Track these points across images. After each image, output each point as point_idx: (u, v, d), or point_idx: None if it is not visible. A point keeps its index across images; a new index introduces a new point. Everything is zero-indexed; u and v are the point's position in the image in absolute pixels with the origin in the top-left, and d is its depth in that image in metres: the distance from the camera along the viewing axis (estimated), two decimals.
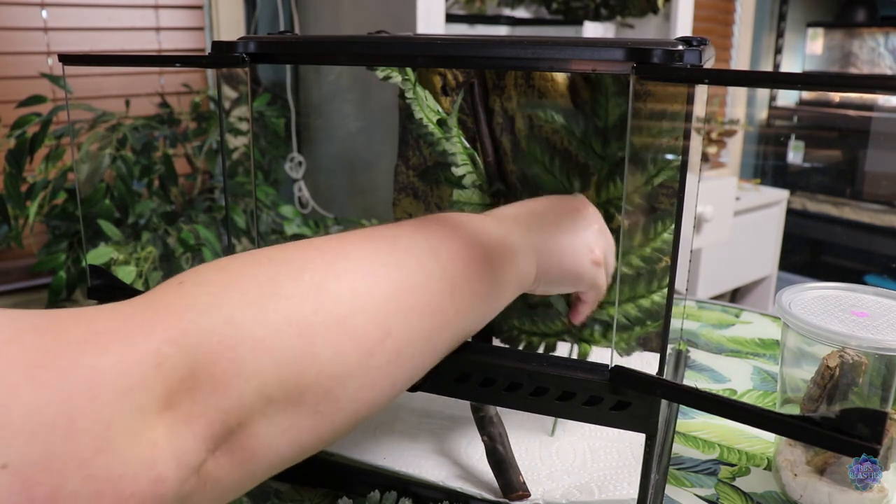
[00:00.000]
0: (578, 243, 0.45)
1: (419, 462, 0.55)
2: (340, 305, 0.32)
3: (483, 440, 0.52)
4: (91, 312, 0.27)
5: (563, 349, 0.58)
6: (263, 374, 0.29)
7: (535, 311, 0.56)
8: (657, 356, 0.43)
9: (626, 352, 0.54)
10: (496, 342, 0.58)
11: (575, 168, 0.54)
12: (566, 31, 1.57)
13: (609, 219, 0.53)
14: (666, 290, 0.46)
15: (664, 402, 0.44)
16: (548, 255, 0.44)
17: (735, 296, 2.46)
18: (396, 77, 0.53)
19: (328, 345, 0.31)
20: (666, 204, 0.52)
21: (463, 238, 0.38)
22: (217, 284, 0.30)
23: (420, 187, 0.61)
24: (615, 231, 0.52)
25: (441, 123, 0.55)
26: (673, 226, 0.51)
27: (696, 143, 0.46)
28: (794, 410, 0.52)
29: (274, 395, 0.29)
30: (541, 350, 0.57)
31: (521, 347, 0.58)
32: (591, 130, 0.52)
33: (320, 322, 0.31)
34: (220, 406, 0.28)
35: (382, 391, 0.34)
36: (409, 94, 0.54)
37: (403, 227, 0.38)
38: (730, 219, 2.08)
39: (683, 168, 0.39)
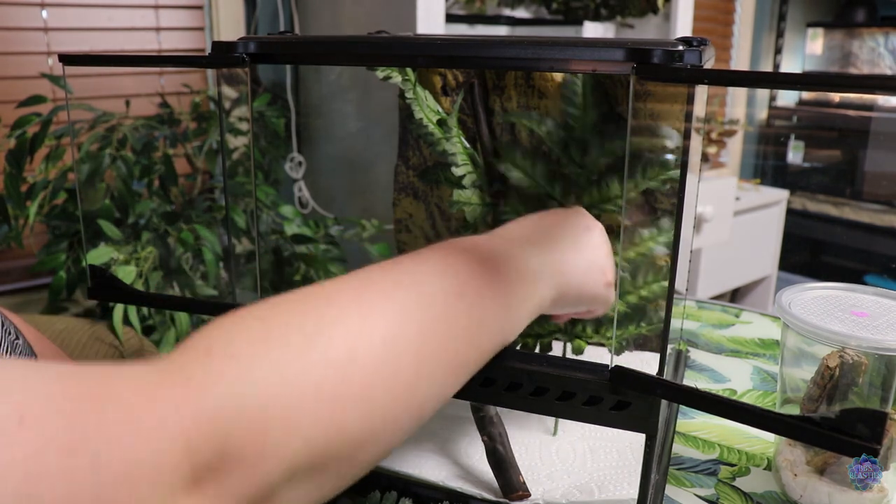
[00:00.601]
0: (594, 266, 0.45)
1: (419, 462, 0.55)
2: (369, 373, 0.31)
3: (483, 440, 0.52)
4: (119, 381, 0.26)
5: (563, 349, 0.58)
6: (292, 452, 0.29)
7: None
8: (657, 356, 0.43)
9: (618, 351, 0.54)
10: None
11: (557, 174, 0.54)
12: (566, 31, 1.57)
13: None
14: (656, 287, 0.46)
15: (664, 402, 0.44)
16: (566, 279, 0.43)
17: (735, 296, 2.46)
18: (396, 77, 0.53)
19: (357, 416, 0.31)
20: (666, 204, 0.52)
21: (487, 272, 0.37)
22: (247, 357, 0.29)
23: (420, 187, 0.61)
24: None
25: (441, 123, 0.55)
26: (655, 230, 0.51)
27: (696, 143, 0.46)
28: (794, 410, 0.52)
29: (301, 468, 0.29)
30: (536, 350, 0.57)
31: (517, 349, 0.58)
32: (571, 137, 0.52)
33: (351, 395, 0.30)
34: (247, 485, 0.28)
35: (401, 441, 0.34)
36: (409, 94, 0.54)
37: (427, 265, 0.36)
38: (730, 219, 2.08)
39: (683, 168, 0.39)
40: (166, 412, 0.26)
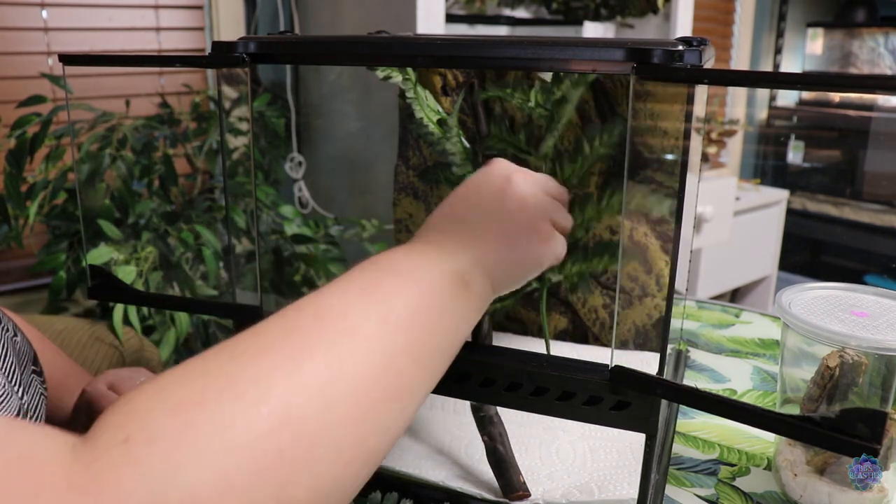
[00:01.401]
0: (523, 230, 0.41)
1: (419, 462, 0.55)
2: (307, 434, 0.28)
3: (483, 440, 0.52)
4: (37, 468, 0.24)
5: (564, 350, 0.58)
6: None
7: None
8: (657, 356, 0.43)
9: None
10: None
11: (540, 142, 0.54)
12: (566, 31, 1.57)
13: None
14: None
15: (664, 402, 0.44)
16: (500, 261, 0.40)
17: (735, 296, 2.46)
18: (396, 77, 0.53)
19: (301, 483, 0.28)
20: (665, 205, 0.52)
21: (418, 291, 0.35)
22: (169, 441, 0.26)
23: (420, 187, 0.61)
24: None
25: (441, 123, 0.55)
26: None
27: (696, 143, 0.46)
28: (794, 410, 0.52)
29: None
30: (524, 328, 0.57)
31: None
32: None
33: (287, 463, 0.27)
34: None
35: (355, 489, 0.31)
36: (409, 94, 0.54)
37: (350, 301, 0.33)
38: (730, 219, 2.09)
39: (683, 168, 0.39)
40: None
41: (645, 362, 0.52)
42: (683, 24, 1.57)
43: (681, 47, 0.38)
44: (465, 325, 0.38)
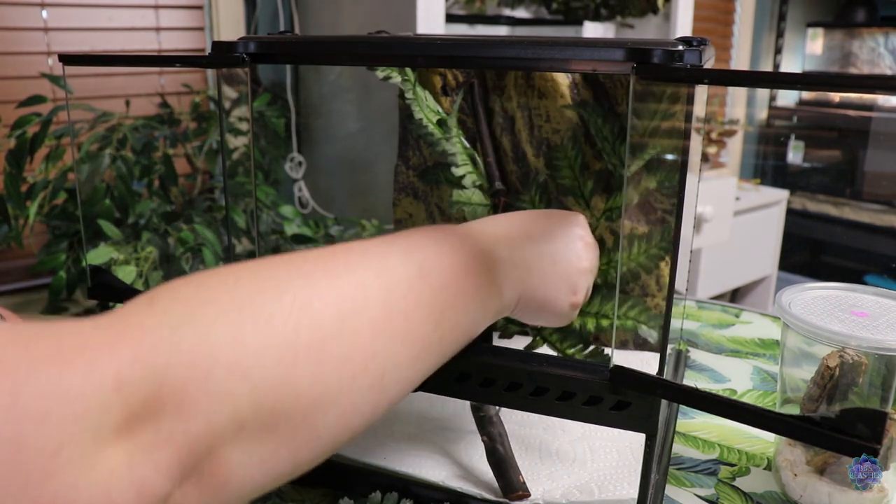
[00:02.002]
0: (564, 283, 0.43)
1: (419, 462, 0.55)
2: (323, 329, 0.30)
3: (483, 440, 0.52)
4: (59, 327, 0.25)
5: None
6: (237, 399, 0.27)
7: None
8: (657, 356, 0.43)
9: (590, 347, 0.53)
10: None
11: (595, 172, 0.54)
12: (566, 31, 1.57)
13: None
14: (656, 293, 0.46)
15: (664, 402, 0.44)
16: (533, 288, 0.42)
17: (735, 296, 2.46)
18: (396, 77, 0.54)
19: (308, 371, 0.29)
20: (665, 205, 0.52)
21: (455, 265, 0.37)
22: (192, 301, 0.28)
23: (420, 187, 0.61)
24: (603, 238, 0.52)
25: (441, 123, 0.55)
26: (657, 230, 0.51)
27: (696, 143, 0.46)
28: (794, 410, 0.52)
29: (248, 421, 0.27)
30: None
31: (498, 334, 0.58)
32: (612, 130, 0.52)
33: (302, 345, 0.29)
34: (187, 432, 0.26)
35: (363, 417, 0.32)
36: (409, 95, 0.54)
37: (395, 246, 0.36)
38: (730, 219, 2.09)
39: (683, 168, 0.39)
40: (99, 352, 0.24)
41: (645, 362, 0.52)
42: (683, 24, 1.57)
43: (681, 47, 0.38)
44: (482, 320, 0.39)
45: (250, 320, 0.28)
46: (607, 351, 0.53)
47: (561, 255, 0.43)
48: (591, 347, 0.53)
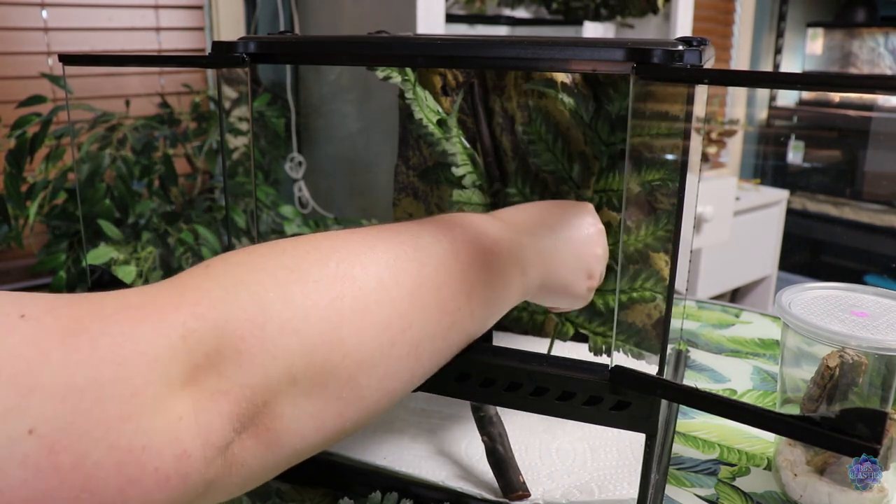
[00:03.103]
0: (581, 267, 0.46)
1: (419, 462, 0.55)
2: (366, 294, 0.32)
3: (483, 440, 0.52)
4: (124, 291, 0.27)
5: (564, 350, 0.58)
6: (290, 354, 0.29)
7: None
8: (657, 356, 0.43)
9: (605, 351, 0.54)
10: None
11: (578, 154, 0.54)
12: (566, 31, 1.57)
13: (600, 208, 0.53)
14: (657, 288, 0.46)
15: (664, 402, 0.44)
16: (553, 272, 0.45)
17: (735, 296, 2.46)
18: (396, 77, 0.53)
19: (353, 331, 0.31)
20: (665, 204, 0.52)
21: (482, 245, 0.39)
22: (245, 266, 0.31)
23: (420, 187, 0.61)
24: (608, 226, 0.52)
25: (441, 123, 0.55)
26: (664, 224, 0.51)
27: (696, 143, 0.46)
28: (794, 410, 0.52)
29: (299, 376, 0.29)
30: (526, 328, 0.57)
31: (506, 323, 0.58)
32: (599, 115, 0.52)
33: (346, 308, 0.31)
34: (245, 383, 0.28)
35: (402, 382, 0.34)
36: (409, 95, 0.54)
37: (425, 226, 0.38)
38: (730, 219, 2.08)
39: (683, 168, 0.39)
40: (164, 308, 0.27)
41: (646, 364, 0.52)
42: (683, 24, 1.57)
43: (681, 47, 0.38)
44: (507, 300, 0.41)
45: (298, 283, 0.30)
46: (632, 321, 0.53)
47: (577, 242, 0.46)
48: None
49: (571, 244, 0.46)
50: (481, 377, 0.45)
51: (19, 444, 0.22)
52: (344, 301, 0.31)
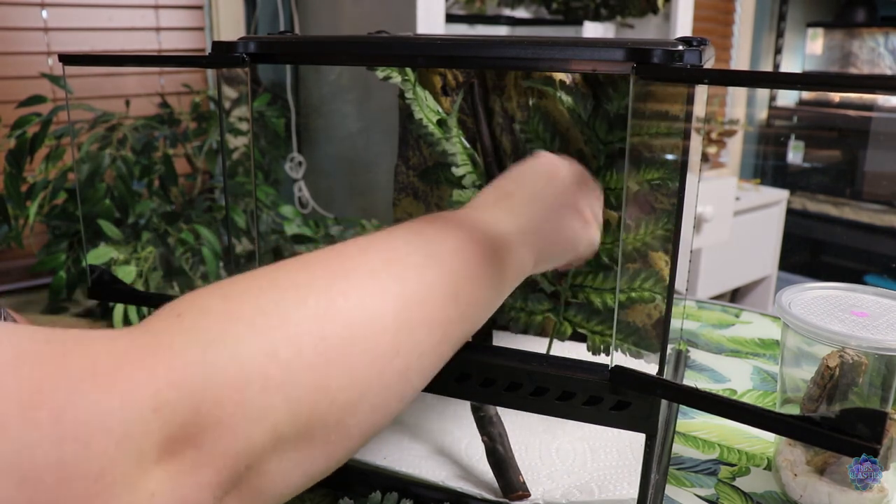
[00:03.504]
0: (565, 211, 0.44)
1: (419, 462, 0.55)
2: (349, 328, 0.30)
3: (483, 440, 0.52)
4: (90, 344, 0.25)
5: (563, 349, 0.58)
6: (274, 414, 0.27)
7: (518, 290, 0.56)
8: (657, 356, 0.43)
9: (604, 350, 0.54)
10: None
11: (576, 153, 0.54)
12: (566, 31, 1.57)
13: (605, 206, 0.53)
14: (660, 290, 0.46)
15: (664, 402, 0.44)
16: (542, 236, 0.42)
17: (735, 296, 2.46)
18: (396, 77, 0.53)
19: (339, 371, 0.29)
20: (665, 203, 0.52)
21: (460, 239, 0.37)
22: (220, 315, 0.28)
23: (420, 187, 0.61)
24: (607, 224, 0.52)
25: (441, 123, 0.55)
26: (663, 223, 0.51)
27: (696, 143, 0.46)
28: (794, 410, 0.52)
29: (285, 432, 0.28)
30: (524, 327, 0.57)
31: (503, 323, 0.58)
32: (597, 114, 0.52)
33: (331, 347, 0.29)
34: (227, 452, 0.26)
35: (391, 409, 0.33)
36: (409, 95, 0.54)
37: (399, 234, 0.36)
38: (730, 219, 2.08)
39: (683, 168, 0.39)
40: (135, 372, 0.24)
41: (645, 363, 0.52)
42: (683, 24, 1.57)
43: (681, 47, 0.38)
44: (501, 287, 0.39)
45: (279, 330, 0.28)
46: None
47: (548, 192, 0.44)
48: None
49: (543, 196, 0.43)
50: (481, 377, 0.45)
51: None
52: (328, 342, 0.29)
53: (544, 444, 0.57)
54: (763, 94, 2.90)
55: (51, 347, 0.24)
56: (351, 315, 0.31)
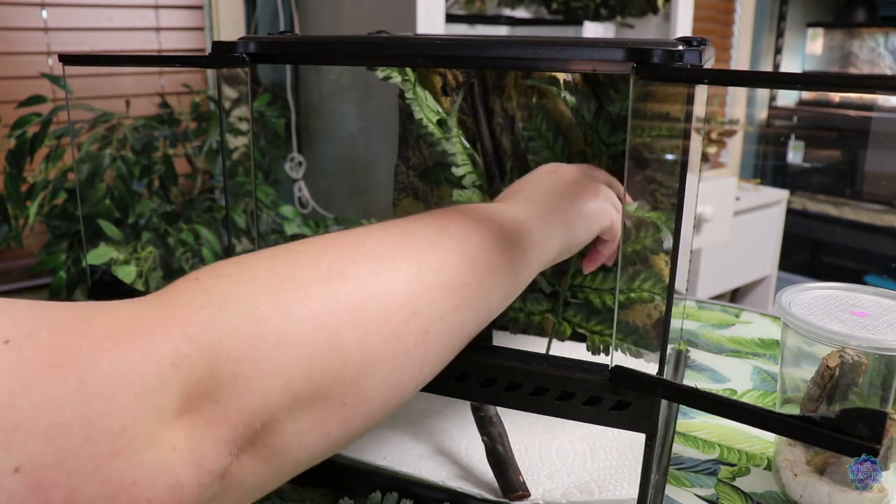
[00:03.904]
0: (578, 188, 0.45)
1: (419, 462, 0.55)
2: (361, 289, 0.31)
3: (483, 440, 0.52)
4: (109, 308, 0.26)
5: (563, 349, 0.58)
6: (288, 371, 0.28)
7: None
8: (657, 356, 0.43)
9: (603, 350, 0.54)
10: None
11: (578, 154, 0.54)
12: (566, 31, 1.57)
13: None
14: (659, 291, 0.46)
15: (664, 402, 0.44)
16: (560, 212, 0.43)
17: (735, 296, 2.46)
18: (396, 77, 0.53)
19: (352, 332, 0.30)
20: (665, 204, 0.52)
21: (471, 213, 0.38)
22: (235, 277, 0.29)
23: (420, 187, 0.61)
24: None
25: (441, 123, 0.55)
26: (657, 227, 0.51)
27: (696, 143, 0.46)
28: (794, 410, 0.52)
29: (299, 391, 0.28)
30: (524, 327, 0.57)
31: (503, 323, 0.58)
32: (600, 115, 0.52)
33: (343, 309, 0.30)
34: (242, 408, 0.26)
35: (411, 376, 0.33)
36: (409, 95, 0.54)
37: (410, 217, 0.37)
38: (730, 219, 2.08)
39: (683, 168, 0.39)
40: (153, 331, 0.25)
41: (645, 363, 0.52)
42: (683, 24, 1.57)
43: (681, 47, 0.38)
44: (523, 262, 0.39)
45: (291, 290, 0.29)
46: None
47: (566, 182, 0.46)
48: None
49: (559, 186, 0.45)
50: (481, 377, 0.45)
51: (4, 482, 0.21)
52: (340, 302, 0.30)
53: (544, 444, 0.57)
54: (763, 94, 2.90)
55: (72, 314, 0.25)
56: (362, 277, 0.31)
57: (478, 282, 0.36)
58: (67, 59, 0.50)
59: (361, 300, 0.31)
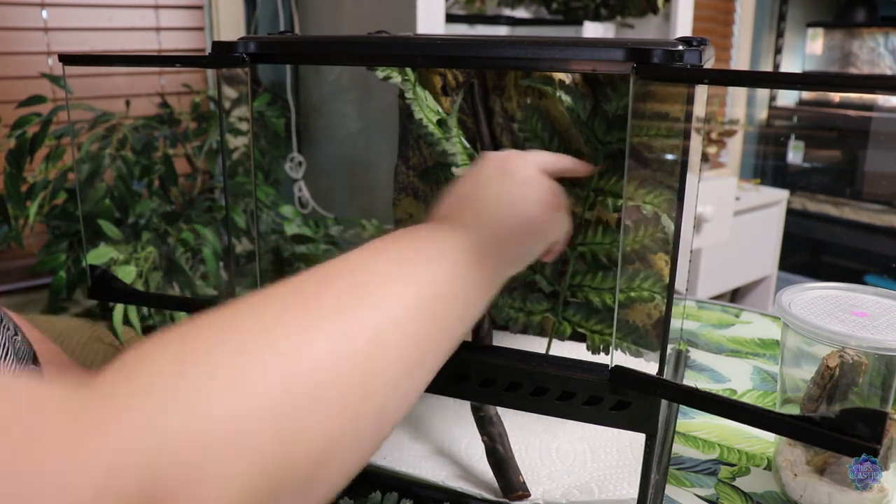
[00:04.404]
0: (526, 204, 0.42)
1: (419, 462, 0.55)
2: (315, 376, 0.28)
3: (483, 440, 0.52)
4: (44, 400, 0.23)
5: (563, 349, 0.58)
6: (236, 479, 0.25)
7: (517, 290, 0.56)
8: (657, 356, 0.43)
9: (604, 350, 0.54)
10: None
11: (574, 153, 0.54)
12: (566, 31, 1.57)
13: (595, 207, 0.53)
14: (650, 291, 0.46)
15: (664, 402, 0.44)
16: (513, 235, 0.41)
17: (735, 296, 2.46)
18: (396, 77, 0.53)
19: (304, 427, 0.27)
20: (665, 205, 0.52)
21: (432, 256, 0.36)
22: (175, 370, 0.26)
23: (420, 187, 0.61)
24: (606, 225, 0.52)
25: (441, 123, 0.55)
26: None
27: (696, 143, 0.46)
28: (794, 410, 0.52)
29: (249, 495, 0.25)
30: (524, 327, 0.57)
31: (502, 323, 0.58)
32: (596, 114, 0.52)
33: (295, 403, 0.27)
34: None
35: (367, 451, 0.31)
36: (409, 95, 0.54)
37: (365, 257, 0.35)
38: (730, 219, 2.08)
39: (683, 168, 0.39)
40: (84, 442, 0.23)
41: (645, 362, 0.52)
42: (683, 24, 1.57)
43: (681, 47, 0.38)
44: (479, 299, 0.38)
45: (240, 383, 0.26)
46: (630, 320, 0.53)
47: (503, 191, 0.42)
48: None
49: (498, 197, 0.42)
50: (481, 377, 0.45)
51: None
52: (294, 389, 0.27)
53: (544, 444, 0.57)
54: (763, 94, 2.90)
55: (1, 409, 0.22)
56: (314, 363, 0.28)
57: (439, 337, 0.34)
58: (67, 59, 0.50)
59: (315, 390, 0.28)
